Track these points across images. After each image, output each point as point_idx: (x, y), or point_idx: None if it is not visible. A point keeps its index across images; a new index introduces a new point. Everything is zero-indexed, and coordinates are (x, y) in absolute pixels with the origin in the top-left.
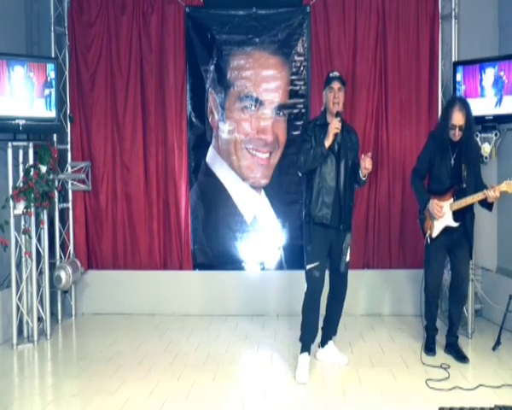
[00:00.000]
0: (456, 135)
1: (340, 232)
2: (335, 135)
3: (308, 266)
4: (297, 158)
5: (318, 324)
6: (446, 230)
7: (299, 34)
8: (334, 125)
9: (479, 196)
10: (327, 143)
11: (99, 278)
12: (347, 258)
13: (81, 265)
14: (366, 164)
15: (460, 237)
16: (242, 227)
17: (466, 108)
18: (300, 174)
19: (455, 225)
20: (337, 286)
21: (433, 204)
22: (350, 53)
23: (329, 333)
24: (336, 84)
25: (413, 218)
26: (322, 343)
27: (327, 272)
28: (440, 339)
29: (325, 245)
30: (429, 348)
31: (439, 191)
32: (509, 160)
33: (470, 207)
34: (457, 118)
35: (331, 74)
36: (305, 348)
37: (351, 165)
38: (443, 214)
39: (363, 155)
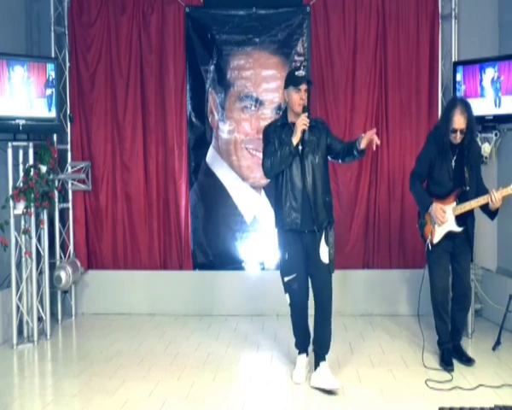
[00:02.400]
0: (458, 138)
1: (316, 235)
2: (303, 131)
3: (285, 279)
4: (262, 162)
5: (308, 327)
6: (448, 235)
7: (299, 34)
8: (302, 121)
9: (484, 200)
10: (294, 141)
11: (99, 278)
12: (326, 259)
13: (81, 265)
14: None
15: (462, 243)
16: (242, 227)
17: (467, 110)
18: (268, 179)
19: (459, 230)
20: (318, 295)
21: (437, 209)
22: (350, 53)
23: (321, 353)
24: (304, 86)
25: (413, 218)
26: (315, 365)
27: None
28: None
29: (301, 253)
30: (447, 363)
31: (439, 195)
32: (509, 160)
33: (471, 211)
34: (459, 121)
35: (297, 73)
36: (302, 350)
37: (321, 158)
38: (446, 220)
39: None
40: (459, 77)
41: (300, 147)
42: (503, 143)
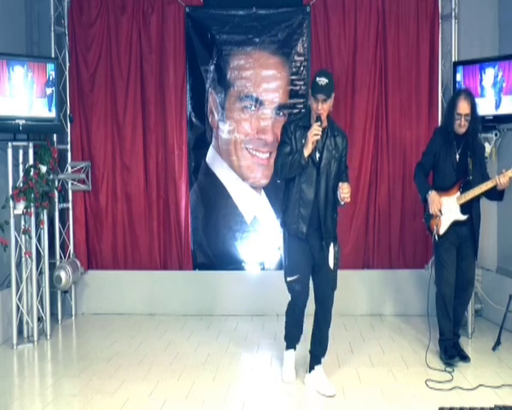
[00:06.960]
0: (462, 125)
1: (323, 247)
2: (316, 142)
3: (288, 279)
4: (274, 162)
5: (302, 327)
6: (454, 225)
7: (299, 34)
8: (314, 132)
9: (487, 185)
10: (306, 153)
11: (99, 278)
12: (331, 270)
13: (81, 265)
14: (343, 193)
15: (467, 235)
16: (242, 227)
17: (471, 98)
18: (278, 181)
19: (463, 218)
20: (320, 303)
21: (434, 197)
22: (350, 53)
23: (318, 355)
24: (321, 96)
25: (413, 218)
26: (310, 367)
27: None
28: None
29: (306, 256)
30: (450, 356)
31: (443, 186)
32: (509, 160)
33: (476, 204)
34: (463, 106)
35: (318, 80)
36: (291, 345)
37: (336, 173)
38: (439, 209)
39: (340, 184)
40: (459, 77)
41: (318, 154)
42: (503, 143)
